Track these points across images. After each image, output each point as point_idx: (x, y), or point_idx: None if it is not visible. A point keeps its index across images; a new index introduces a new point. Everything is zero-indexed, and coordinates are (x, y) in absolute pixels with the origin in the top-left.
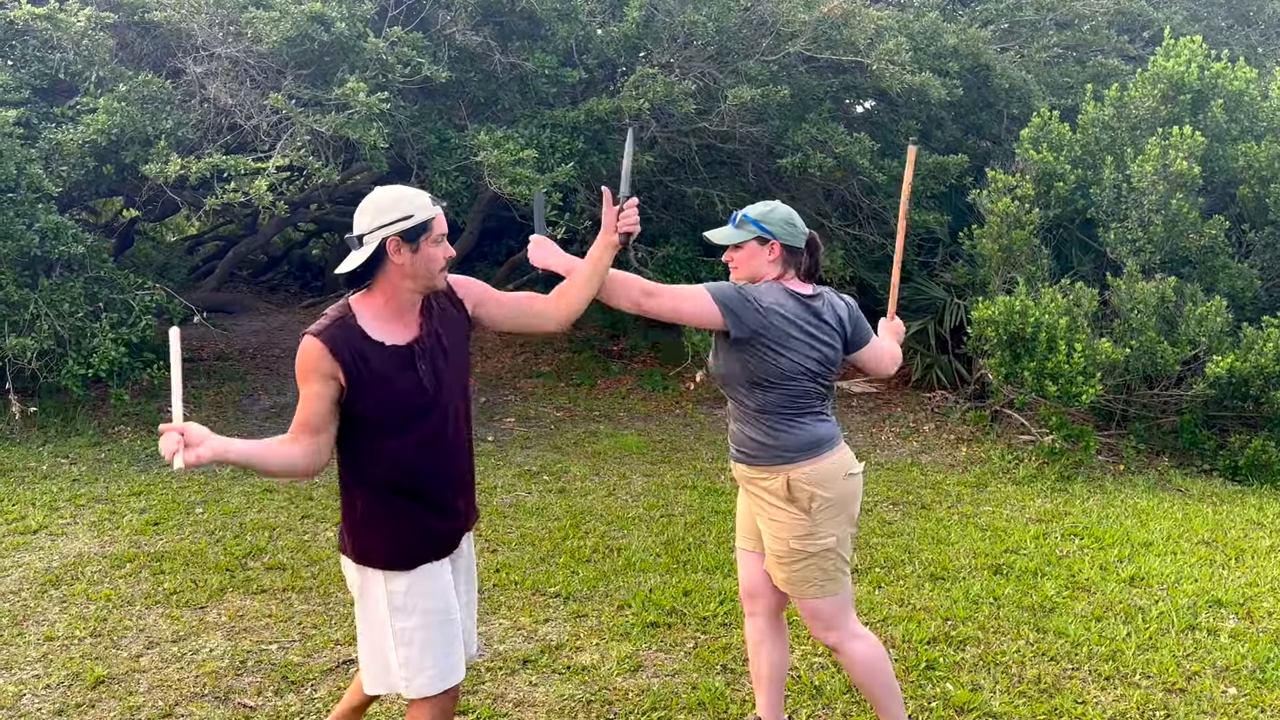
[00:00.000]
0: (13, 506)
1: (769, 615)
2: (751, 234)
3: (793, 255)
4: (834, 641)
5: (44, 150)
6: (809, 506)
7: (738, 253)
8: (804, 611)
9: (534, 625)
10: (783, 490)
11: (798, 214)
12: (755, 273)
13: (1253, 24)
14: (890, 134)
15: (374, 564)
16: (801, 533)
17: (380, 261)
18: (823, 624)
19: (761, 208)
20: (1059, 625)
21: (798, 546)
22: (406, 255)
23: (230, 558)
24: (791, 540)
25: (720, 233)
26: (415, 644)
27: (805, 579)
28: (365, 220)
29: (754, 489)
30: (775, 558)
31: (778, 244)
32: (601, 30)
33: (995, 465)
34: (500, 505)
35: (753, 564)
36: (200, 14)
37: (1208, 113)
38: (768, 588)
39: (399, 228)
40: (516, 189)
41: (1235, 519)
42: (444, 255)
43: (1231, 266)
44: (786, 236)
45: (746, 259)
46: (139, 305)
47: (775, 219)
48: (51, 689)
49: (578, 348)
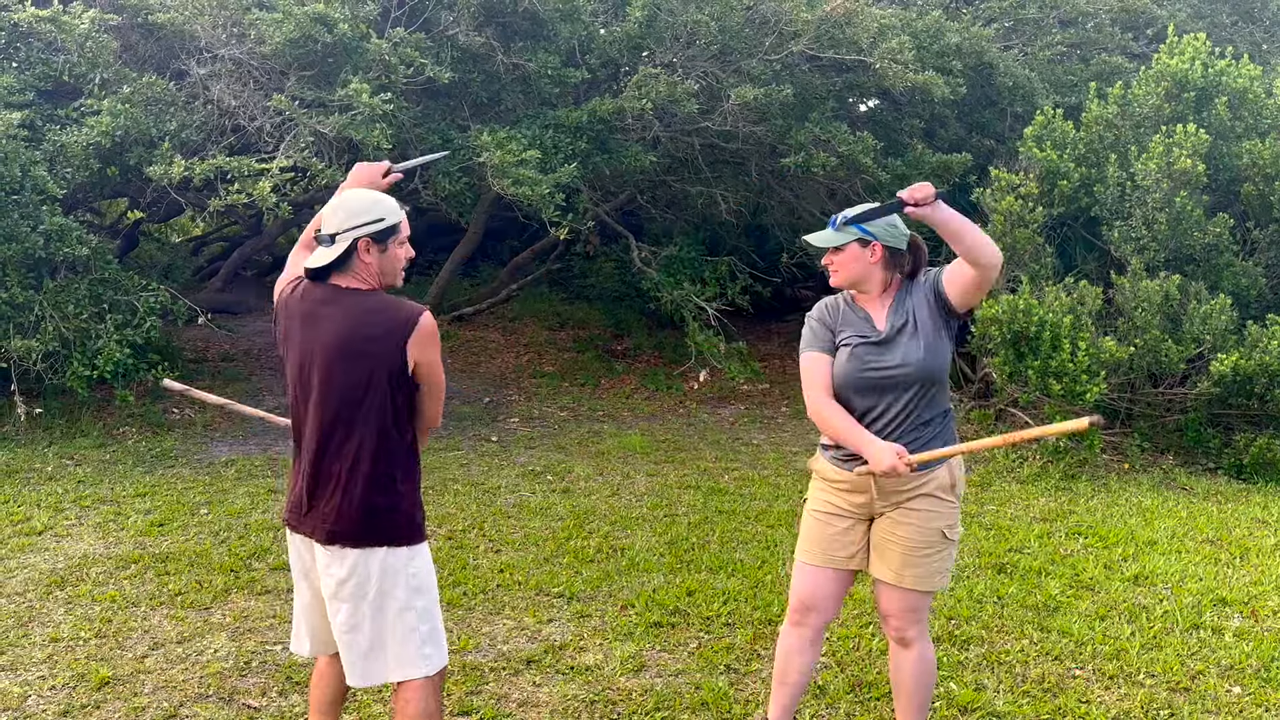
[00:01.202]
0: (18, 508)
1: (817, 630)
2: (853, 236)
3: (895, 257)
4: (914, 636)
5: (48, 152)
6: (959, 493)
7: (838, 255)
8: (906, 605)
9: (537, 625)
10: (948, 479)
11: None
12: (856, 275)
13: (1257, 21)
14: (894, 133)
15: (419, 539)
16: (951, 521)
17: (348, 259)
18: (915, 617)
19: (861, 209)
20: (1063, 624)
21: (950, 535)
22: (375, 255)
23: (235, 558)
24: (945, 529)
25: (820, 235)
26: (430, 619)
27: (943, 569)
28: (337, 220)
29: (909, 491)
30: (917, 554)
31: (880, 245)
32: (604, 30)
33: (999, 464)
34: (504, 505)
35: (820, 580)
36: (203, 16)
37: (1212, 110)
38: (828, 605)
39: (372, 229)
40: (519, 189)
41: (1240, 517)
42: (406, 256)
43: (1236, 264)
44: (889, 238)
45: (848, 262)
46: (144, 306)
47: (878, 221)
48: (57, 690)
49: (581, 347)
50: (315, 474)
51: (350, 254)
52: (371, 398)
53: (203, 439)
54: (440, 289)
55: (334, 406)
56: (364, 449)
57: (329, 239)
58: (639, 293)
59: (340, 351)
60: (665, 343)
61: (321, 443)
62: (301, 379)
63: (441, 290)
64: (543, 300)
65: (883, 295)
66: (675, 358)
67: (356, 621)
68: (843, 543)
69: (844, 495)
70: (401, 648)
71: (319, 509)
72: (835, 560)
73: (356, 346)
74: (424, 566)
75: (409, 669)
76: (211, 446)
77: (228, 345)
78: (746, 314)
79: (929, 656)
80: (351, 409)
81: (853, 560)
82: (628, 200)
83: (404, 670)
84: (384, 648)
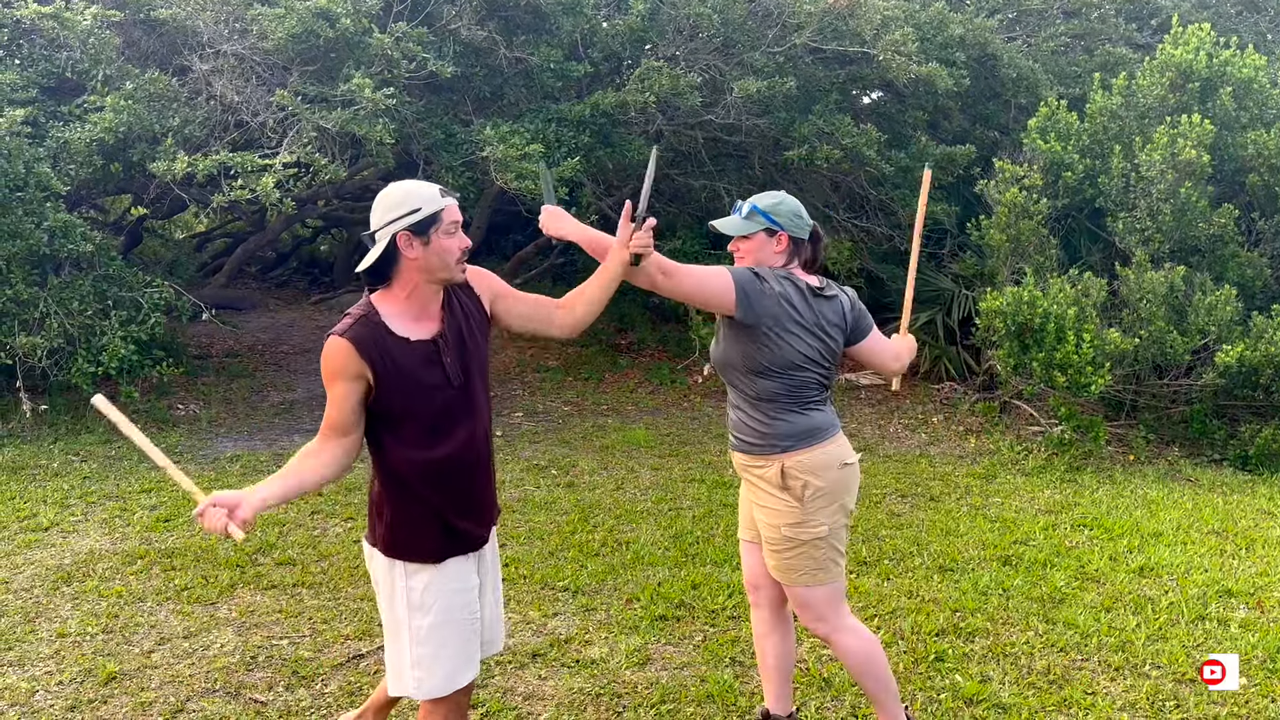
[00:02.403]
0: (24, 504)
1: (772, 606)
2: (760, 225)
3: (798, 247)
4: (824, 633)
5: (52, 149)
6: (801, 495)
7: (745, 243)
8: (794, 600)
9: (543, 619)
10: (776, 478)
11: (803, 206)
12: (761, 263)
13: (1262, 11)
14: (897, 125)
15: (401, 556)
16: (793, 520)
17: (394, 257)
18: (812, 614)
19: (770, 199)
20: (1068, 616)
21: (789, 534)
22: (419, 248)
23: (240, 554)
24: (784, 527)
25: (728, 222)
26: (430, 643)
27: (795, 567)
28: (376, 217)
29: (750, 476)
30: (768, 545)
31: (785, 235)
32: (607, 24)
33: (1004, 456)
34: (509, 500)
35: (754, 554)
36: (206, 11)
37: (1216, 100)
38: (769, 578)
39: (407, 222)
40: (523, 184)
41: (1245, 508)
42: (459, 246)
43: (1241, 255)
44: (794, 228)
45: (753, 249)
46: (148, 303)
47: (784, 211)
48: (64, 685)
49: (585, 342)
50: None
51: (393, 251)
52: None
53: (208, 434)
54: None
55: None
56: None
57: (370, 239)
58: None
59: None
60: (669, 337)
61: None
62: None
63: None
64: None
65: None
66: (679, 352)
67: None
68: (752, 514)
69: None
70: (394, 661)
71: None
72: (752, 532)
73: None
74: (422, 585)
75: (397, 684)
76: (216, 442)
77: (232, 341)
78: None
79: (853, 648)
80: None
81: None
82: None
83: (394, 684)
84: (391, 659)
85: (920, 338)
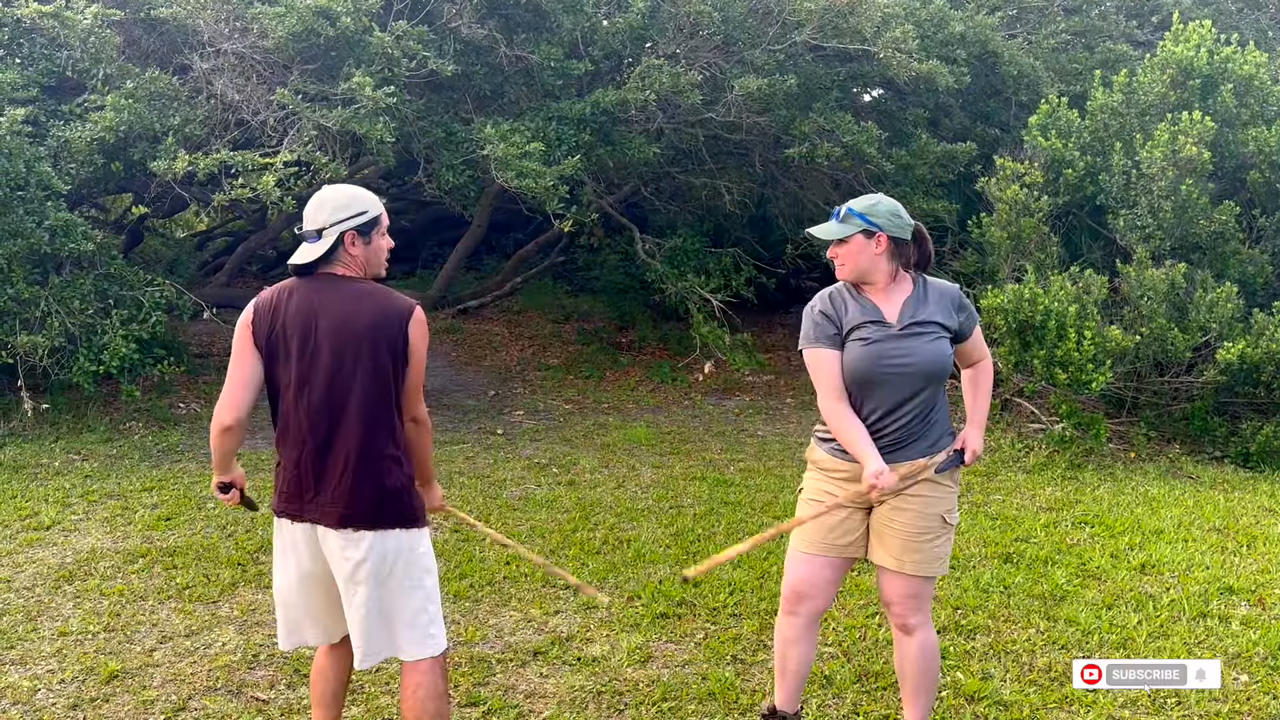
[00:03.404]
0: (26, 503)
1: (810, 617)
2: (857, 227)
3: (900, 247)
4: (917, 623)
5: (52, 148)
6: (956, 479)
7: (842, 247)
8: (908, 591)
9: (544, 617)
10: None
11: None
12: (862, 267)
13: (1263, 7)
14: (898, 122)
15: (423, 522)
16: (951, 505)
17: (334, 253)
18: (917, 603)
19: (866, 201)
20: (1069, 613)
21: (949, 520)
22: (360, 247)
23: (242, 552)
24: (944, 514)
25: (825, 228)
26: (436, 599)
27: (943, 554)
28: (323, 216)
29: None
30: (917, 540)
31: (884, 236)
32: (607, 22)
33: (1005, 454)
34: (510, 498)
35: (815, 568)
36: (206, 10)
37: (1217, 98)
38: (821, 593)
39: (355, 222)
40: (523, 182)
41: (1247, 506)
42: (387, 246)
43: (1242, 252)
44: (893, 229)
45: (853, 254)
46: (149, 301)
47: (881, 211)
48: (66, 684)
49: (586, 340)
50: (319, 459)
51: (336, 248)
52: (374, 380)
53: (209, 433)
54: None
55: (339, 390)
56: (369, 431)
57: (315, 234)
58: (643, 285)
59: (346, 334)
60: (670, 335)
61: (328, 427)
62: (302, 365)
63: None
64: (547, 293)
65: (889, 287)
66: (680, 350)
67: (374, 603)
68: (841, 530)
69: (841, 484)
70: (410, 629)
71: (326, 494)
72: (833, 549)
73: (361, 329)
74: (429, 548)
75: (419, 648)
76: None
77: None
78: (751, 305)
79: (932, 643)
80: (357, 392)
81: (850, 548)
82: (631, 192)
83: (414, 649)
84: (394, 629)
85: None
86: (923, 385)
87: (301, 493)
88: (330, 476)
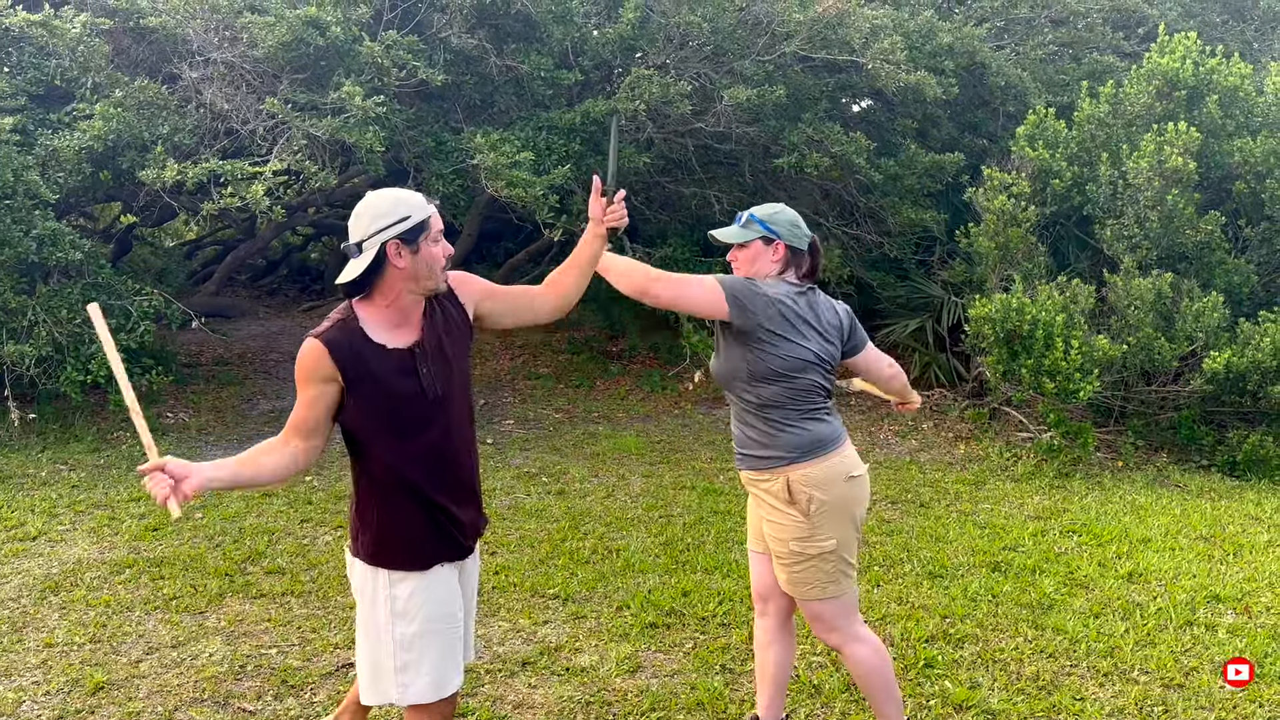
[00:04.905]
0: (11, 513)
1: (779, 617)
2: (757, 234)
3: (795, 257)
4: (836, 643)
5: (40, 157)
6: (808, 509)
7: (742, 252)
8: (806, 613)
9: (533, 627)
10: (782, 492)
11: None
12: (758, 272)
13: (1248, 19)
14: (886, 133)
15: (383, 564)
16: (801, 535)
17: (381, 267)
18: (824, 625)
19: (768, 209)
20: (1057, 622)
21: (797, 549)
22: (408, 257)
23: (229, 563)
24: (791, 542)
25: (726, 231)
26: (415, 649)
27: (805, 581)
28: (362, 226)
29: (756, 491)
30: (778, 559)
31: (782, 245)
32: (597, 32)
33: (993, 462)
34: (499, 507)
35: (763, 565)
36: (195, 19)
37: (1203, 108)
38: (779, 590)
39: (398, 230)
40: (513, 191)
41: (1233, 514)
42: (443, 253)
43: (1228, 262)
44: (791, 238)
45: (750, 258)
46: (137, 311)
47: (781, 220)
48: (51, 695)
49: (576, 349)
50: None
51: (382, 260)
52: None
53: (197, 443)
54: None
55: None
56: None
57: (356, 248)
58: None
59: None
60: (660, 344)
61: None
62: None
63: None
64: None
65: None
66: (670, 359)
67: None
68: (761, 526)
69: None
70: (375, 671)
71: None
72: (762, 544)
73: None
74: (406, 594)
75: (372, 691)
76: (205, 450)
77: (222, 349)
78: None
79: (861, 657)
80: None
81: None
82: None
83: (379, 694)
84: (367, 667)
85: (910, 345)
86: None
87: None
88: None
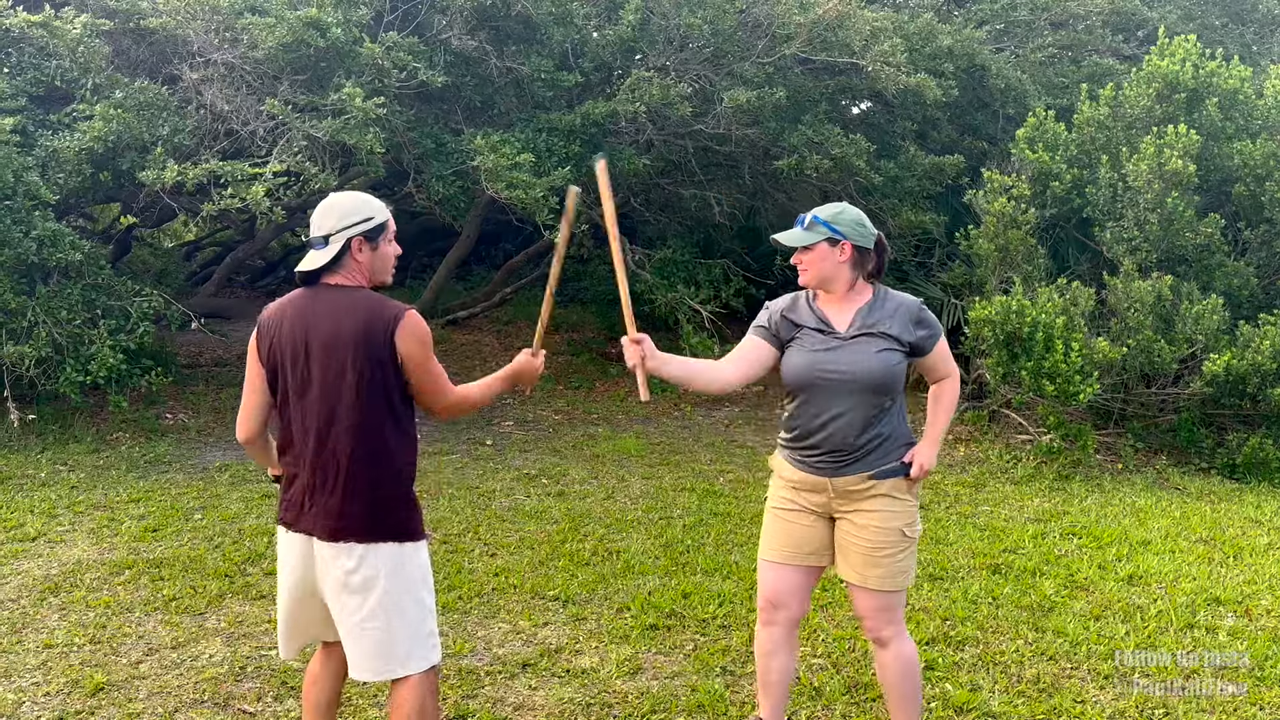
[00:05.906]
0: (11, 514)
1: (787, 626)
2: (822, 235)
3: (862, 256)
4: (890, 635)
5: (40, 158)
6: (915, 492)
7: (807, 254)
8: (876, 605)
9: (533, 629)
10: (904, 479)
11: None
12: (825, 274)
13: (1247, 22)
14: (886, 135)
15: (420, 535)
16: (910, 520)
17: (341, 260)
18: (888, 616)
19: (831, 209)
20: (1058, 624)
21: (909, 534)
22: (367, 253)
23: (229, 564)
24: (904, 528)
25: (790, 235)
26: (434, 613)
27: (905, 568)
28: (330, 221)
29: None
30: (879, 553)
31: (849, 244)
32: (597, 34)
33: (993, 465)
34: (499, 509)
35: (784, 577)
36: (196, 20)
37: (1203, 111)
38: (795, 601)
39: (363, 228)
40: (513, 193)
41: (1233, 517)
42: (394, 253)
43: (1228, 264)
44: (857, 237)
45: (816, 261)
46: (137, 312)
47: (845, 220)
48: (51, 696)
49: (576, 350)
50: (314, 471)
51: (344, 254)
52: (366, 391)
53: (196, 444)
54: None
55: (330, 401)
56: (359, 443)
57: (322, 241)
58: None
59: (334, 345)
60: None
61: (319, 439)
62: (295, 378)
63: (436, 294)
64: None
65: (847, 295)
66: None
67: (366, 614)
68: (806, 538)
69: (802, 494)
70: (411, 643)
71: (319, 506)
72: (798, 556)
73: (346, 339)
74: (427, 561)
75: (414, 663)
76: (205, 451)
77: (221, 350)
78: (740, 316)
79: (908, 653)
80: (346, 402)
81: (813, 556)
82: (621, 203)
83: (410, 664)
84: (393, 642)
85: None
86: (864, 395)
87: (300, 503)
88: (323, 488)
